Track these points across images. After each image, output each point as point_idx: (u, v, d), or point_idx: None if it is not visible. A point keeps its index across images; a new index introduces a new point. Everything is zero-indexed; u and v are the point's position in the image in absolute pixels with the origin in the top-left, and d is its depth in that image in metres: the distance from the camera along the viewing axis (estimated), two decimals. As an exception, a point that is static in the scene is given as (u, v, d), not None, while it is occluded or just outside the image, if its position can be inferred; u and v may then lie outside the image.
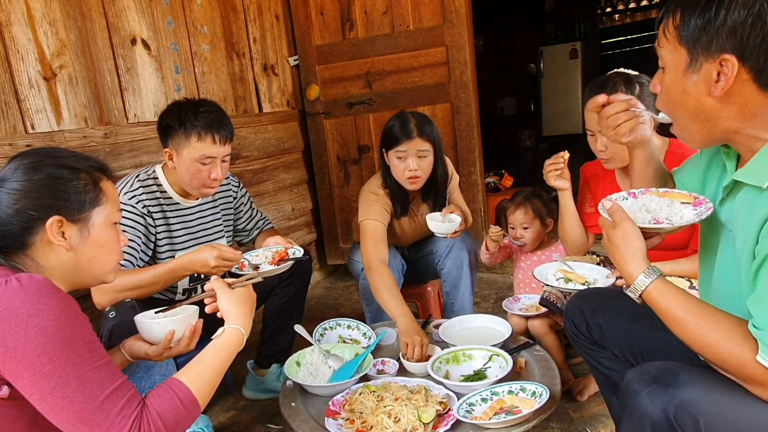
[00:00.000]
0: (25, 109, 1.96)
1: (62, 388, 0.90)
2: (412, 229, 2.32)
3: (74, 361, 0.92)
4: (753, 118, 0.96)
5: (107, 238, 1.12)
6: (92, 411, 0.91)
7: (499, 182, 4.26)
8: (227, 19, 2.91)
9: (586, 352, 1.60)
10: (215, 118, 1.80)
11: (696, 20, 0.94)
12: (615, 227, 1.11)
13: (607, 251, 1.14)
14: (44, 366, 0.90)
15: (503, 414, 1.37)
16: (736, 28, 0.90)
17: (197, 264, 1.68)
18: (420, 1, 3.07)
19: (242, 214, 2.19)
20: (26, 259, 1.04)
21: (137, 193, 1.81)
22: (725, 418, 0.94)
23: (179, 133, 1.77)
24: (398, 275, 2.21)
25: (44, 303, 0.92)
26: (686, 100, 1.00)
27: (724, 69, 0.93)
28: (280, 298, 2.09)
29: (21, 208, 1.02)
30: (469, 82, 3.07)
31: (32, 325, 0.90)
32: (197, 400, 1.05)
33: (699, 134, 1.04)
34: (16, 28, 1.93)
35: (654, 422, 0.97)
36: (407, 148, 2.04)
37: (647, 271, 1.06)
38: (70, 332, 0.93)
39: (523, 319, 2.09)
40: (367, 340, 1.91)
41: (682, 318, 1.01)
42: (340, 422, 1.42)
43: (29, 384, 0.91)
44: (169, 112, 1.82)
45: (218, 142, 1.80)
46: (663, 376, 1.00)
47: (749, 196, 0.97)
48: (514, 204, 2.22)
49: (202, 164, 1.80)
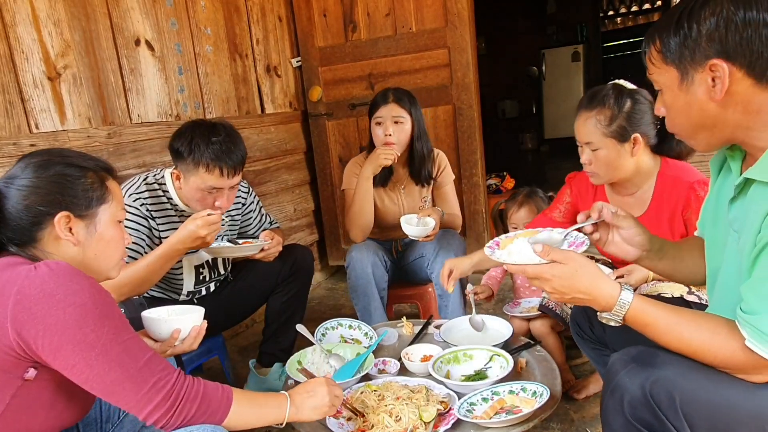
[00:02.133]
0: (29, 109, 1.98)
1: (108, 353, 0.99)
2: (392, 205, 2.40)
3: (114, 330, 1.00)
4: (758, 114, 0.97)
5: (112, 235, 1.16)
6: (139, 369, 1.01)
7: (501, 184, 4.26)
8: (230, 20, 2.93)
9: (591, 351, 1.61)
10: (226, 149, 1.74)
11: (674, 39, 0.98)
12: (563, 263, 1.08)
13: (565, 290, 1.09)
14: (87, 336, 0.97)
15: (504, 413, 1.37)
16: (713, 34, 0.94)
17: (187, 240, 1.67)
18: (422, 3, 3.08)
19: (251, 220, 2.18)
20: (36, 252, 1.08)
21: (142, 196, 1.81)
22: (700, 396, 0.97)
23: (188, 161, 1.73)
24: (382, 272, 2.24)
25: (77, 283, 0.99)
26: (690, 112, 1.02)
27: (716, 73, 0.95)
28: (282, 296, 2.10)
29: (30, 204, 1.06)
30: (471, 84, 3.09)
31: (69, 303, 0.96)
32: (232, 404, 1.11)
33: (707, 140, 1.06)
34: (21, 29, 1.94)
35: (632, 398, 0.99)
36: (384, 113, 2.22)
37: (623, 287, 1.06)
38: (106, 307, 1.01)
39: (525, 321, 2.09)
40: (369, 340, 1.92)
41: (666, 327, 1.02)
42: (341, 421, 1.43)
43: (73, 354, 0.97)
44: (180, 136, 1.76)
45: (226, 175, 1.74)
46: (643, 356, 1.03)
47: (759, 192, 0.99)
48: (516, 203, 2.22)
49: (208, 193, 1.77)
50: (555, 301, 1.21)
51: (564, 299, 1.11)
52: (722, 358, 0.97)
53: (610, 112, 1.63)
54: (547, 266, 1.09)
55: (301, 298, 2.15)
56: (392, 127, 2.22)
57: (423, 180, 2.38)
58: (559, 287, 1.09)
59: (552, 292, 1.11)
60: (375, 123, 2.26)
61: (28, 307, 0.95)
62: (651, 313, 1.04)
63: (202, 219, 1.66)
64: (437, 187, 2.45)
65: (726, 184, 1.14)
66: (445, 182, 2.45)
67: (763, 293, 0.93)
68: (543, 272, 1.09)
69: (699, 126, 1.03)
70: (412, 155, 2.34)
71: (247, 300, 2.14)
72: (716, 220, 1.16)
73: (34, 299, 0.95)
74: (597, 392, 1.94)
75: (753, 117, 0.97)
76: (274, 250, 1.98)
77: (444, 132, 3.19)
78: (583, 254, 1.14)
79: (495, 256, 1.21)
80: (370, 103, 2.33)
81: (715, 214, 1.17)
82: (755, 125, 0.98)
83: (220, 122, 1.83)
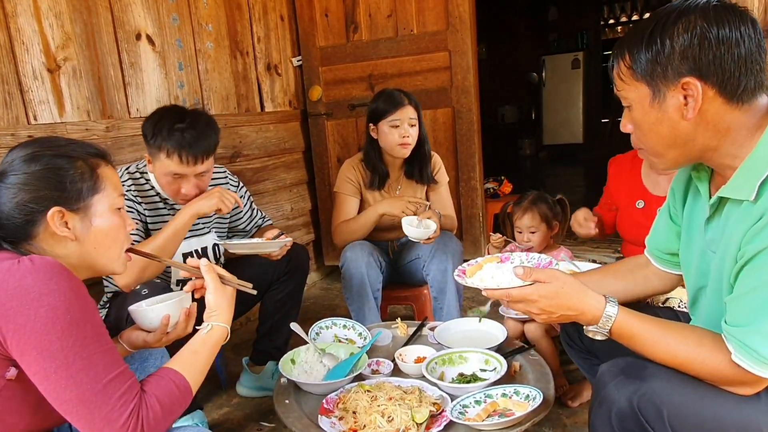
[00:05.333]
0: (28, 100, 1.97)
1: (67, 368, 0.90)
2: None
3: (81, 342, 0.92)
4: (728, 134, 0.96)
5: (110, 224, 1.10)
6: (95, 393, 0.91)
7: (498, 188, 4.26)
8: (232, 17, 2.93)
9: (581, 360, 1.61)
10: (189, 137, 1.72)
11: (645, 54, 0.96)
12: (548, 281, 1.07)
13: (553, 309, 1.08)
14: (52, 344, 0.90)
15: (496, 416, 1.37)
16: (686, 51, 0.92)
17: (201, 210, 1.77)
18: (424, 6, 3.09)
19: (241, 215, 2.17)
20: (33, 249, 1.04)
21: (126, 184, 1.82)
22: (688, 410, 0.97)
23: (152, 144, 1.75)
24: (376, 273, 2.24)
25: (56, 283, 0.92)
26: (660, 130, 1.00)
27: (689, 92, 0.94)
28: (277, 294, 2.09)
29: (21, 202, 1.01)
30: (471, 87, 3.09)
31: (43, 304, 0.90)
32: (190, 386, 1.07)
33: (675, 158, 1.04)
34: (22, 20, 1.94)
35: (620, 411, 0.99)
36: (401, 116, 2.24)
37: (608, 300, 1.06)
38: (79, 314, 0.93)
39: (519, 323, 2.10)
40: (363, 340, 1.91)
41: (651, 340, 1.02)
42: (333, 420, 1.42)
43: (35, 362, 0.90)
44: (149, 119, 1.78)
45: (186, 162, 1.73)
46: (631, 368, 1.03)
47: (733, 210, 0.99)
48: (522, 208, 2.22)
49: (173, 178, 1.78)
50: (542, 322, 1.20)
51: (551, 319, 1.10)
52: (708, 370, 0.97)
53: None
54: (531, 287, 1.08)
55: (296, 296, 2.15)
56: (409, 129, 2.25)
57: (424, 180, 2.41)
58: (547, 307, 1.08)
59: (539, 313, 1.09)
60: (390, 125, 2.25)
61: (3, 302, 0.90)
62: (636, 326, 1.03)
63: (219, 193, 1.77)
64: (433, 189, 2.45)
65: (697, 206, 1.14)
66: (441, 183, 2.47)
67: (746, 307, 0.93)
68: (529, 294, 1.08)
69: (669, 144, 1.01)
70: (413, 156, 2.35)
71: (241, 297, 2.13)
72: (689, 242, 1.15)
73: (10, 294, 0.90)
74: (590, 399, 1.94)
75: (722, 135, 0.97)
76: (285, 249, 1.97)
77: (443, 135, 3.19)
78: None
79: (470, 283, 1.21)
80: (374, 105, 2.32)
81: (688, 236, 1.16)
82: (723, 144, 0.97)
83: (193, 110, 1.83)
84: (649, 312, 1.10)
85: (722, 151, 0.99)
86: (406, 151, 2.28)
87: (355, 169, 2.39)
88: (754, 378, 0.93)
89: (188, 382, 1.06)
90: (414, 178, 2.40)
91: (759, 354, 0.90)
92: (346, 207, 2.37)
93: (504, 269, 1.24)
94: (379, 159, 2.36)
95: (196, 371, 1.10)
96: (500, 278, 1.19)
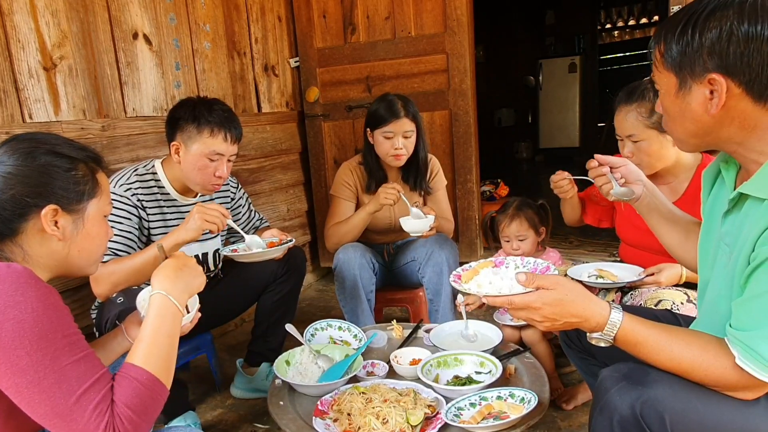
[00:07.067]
0: (23, 99, 1.96)
1: (39, 383, 0.88)
2: (385, 211, 2.33)
3: (52, 354, 0.89)
4: (754, 131, 0.96)
5: (98, 230, 1.11)
6: (69, 407, 0.89)
7: (495, 191, 4.27)
8: (230, 18, 2.92)
9: (579, 360, 1.61)
10: (228, 117, 1.84)
11: (676, 46, 0.96)
12: (551, 288, 1.06)
13: (557, 317, 1.06)
14: (21, 360, 0.87)
15: (491, 419, 1.37)
16: (714, 47, 0.91)
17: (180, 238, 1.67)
18: (422, 8, 3.09)
19: (240, 216, 2.18)
20: (14, 246, 1.01)
21: (133, 186, 1.81)
22: (691, 417, 0.96)
23: (191, 127, 1.79)
24: (369, 275, 2.24)
25: (22, 294, 0.89)
26: (684, 121, 1.01)
27: (714, 87, 0.93)
28: (273, 295, 2.08)
29: (17, 194, 0.99)
30: (468, 90, 3.09)
31: (9, 318, 0.87)
32: (157, 378, 1.00)
33: (696, 145, 1.06)
34: (18, 17, 1.93)
35: (622, 418, 0.98)
36: (395, 129, 2.22)
37: (612, 307, 1.05)
38: (49, 324, 0.90)
39: (516, 330, 2.09)
40: (358, 342, 1.90)
41: (656, 347, 1.00)
42: (327, 422, 1.41)
43: (5, 377, 0.88)
44: (182, 106, 1.84)
45: (229, 140, 1.83)
46: (633, 374, 1.02)
47: (753, 207, 0.98)
48: (508, 216, 2.20)
49: (210, 160, 1.81)
50: (544, 330, 1.20)
51: (555, 327, 1.08)
52: (713, 377, 0.96)
53: (650, 104, 1.69)
54: (534, 294, 1.06)
55: (293, 298, 2.14)
56: (402, 141, 2.23)
57: (418, 187, 2.39)
58: (551, 314, 1.06)
59: (542, 321, 1.07)
60: (383, 136, 2.24)
61: None
62: (641, 333, 1.02)
63: (201, 210, 1.67)
64: (429, 192, 2.45)
65: (720, 195, 1.13)
66: (437, 187, 2.46)
67: (755, 311, 0.92)
68: (532, 301, 1.06)
69: (691, 134, 1.02)
70: (409, 163, 2.33)
71: (238, 298, 2.13)
72: (708, 232, 1.15)
73: None
74: (585, 401, 1.94)
75: (748, 132, 0.96)
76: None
77: (440, 137, 3.20)
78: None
79: (466, 289, 1.19)
80: (372, 112, 2.29)
81: (707, 225, 1.17)
82: (749, 139, 0.97)
83: (216, 99, 1.93)
84: (647, 315, 1.10)
85: (748, 146, 0.98)
86: (398, 162, 2.28)
87: (353, 173, 2.38)
88: (757, 382, 0.92)
89: (151, 373, 1.00)
90: (407, 183, 2.40)
91: (764, 358, 0.90)
92: (341, 210, 2.36)
93: (502, 274, 1.23)
94: (377, 163, 2.35)
95: (156, 358, 1.02)
96: (499, 284, 1.18)
